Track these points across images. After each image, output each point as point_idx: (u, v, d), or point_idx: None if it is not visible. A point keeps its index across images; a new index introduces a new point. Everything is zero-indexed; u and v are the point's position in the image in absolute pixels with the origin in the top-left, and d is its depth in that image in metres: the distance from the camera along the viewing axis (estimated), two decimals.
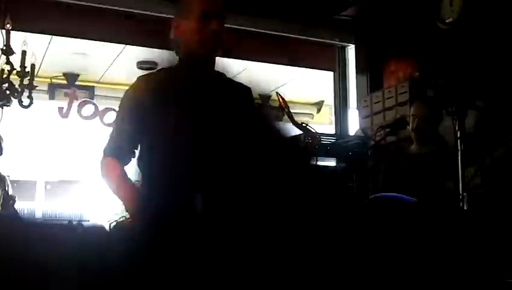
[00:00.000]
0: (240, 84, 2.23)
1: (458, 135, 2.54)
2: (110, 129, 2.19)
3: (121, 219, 1.94)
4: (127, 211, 1.96)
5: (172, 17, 2.15)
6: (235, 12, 4.50)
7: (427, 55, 4.50)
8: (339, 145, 4.66)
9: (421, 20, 4.54)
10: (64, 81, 6.39)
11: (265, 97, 7.27)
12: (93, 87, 6.55)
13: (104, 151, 2.14)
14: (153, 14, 4.69)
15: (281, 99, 2.11)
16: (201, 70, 2.11)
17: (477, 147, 2.94)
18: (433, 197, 2.96)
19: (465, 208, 2.40)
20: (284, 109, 2.12)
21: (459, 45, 4.16)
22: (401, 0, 4.77)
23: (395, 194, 2.78)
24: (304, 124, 2.06)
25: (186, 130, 2.02)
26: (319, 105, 7.77)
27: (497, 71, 3.88)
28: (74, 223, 2.15)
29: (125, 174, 2.09)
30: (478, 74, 3.99)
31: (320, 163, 4.23)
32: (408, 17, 4.71)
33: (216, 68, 2.18)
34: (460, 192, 2.45)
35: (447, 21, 4.27)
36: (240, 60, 5.65)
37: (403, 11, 4.78)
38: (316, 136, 2.05)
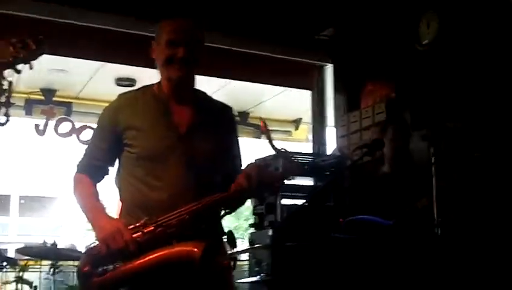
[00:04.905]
0: (220, 103, 2.26)
1: (433, 161, 2.57)
2: (88, 143, 2.20)
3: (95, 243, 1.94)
4: (95, 236, 1.96)
5: (150, 34, 2.21)
6: (215, 31, 4.53)
7: (404, 76, 4.56)
8: (316, 164, 4.71)
9: (398, 41, 4.60)
10: (42, 97, 6.33)
11: (244, 114, 7.35)
12: (70, 103, 6.51)
13: (77, 167, 2.14)
14: (131, 31, 4.70)
15: (262, 124, 2.14)
16: (180, 92, 2.13)
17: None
18: (407, 217, 3.00)
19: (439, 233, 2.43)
20: (265, 131, 2.14)
21: (435, 67, 4.23)
22: (379, 21, 4.83)
23: (371, 217, 2.81)
24: (283, 149, 2.07)
25: (166, 149, 2.03)
26: (296, 123, 7.82)
27: (471, 93, 3.94)
28: None
29: (95, 193, 2.10)
30: (452, 95, 4.06)
31: (297, 182, 4.28)
32: (386, 38, 4.77)
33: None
34: (435, 217, 2.47)
35: (423, 43, 4.34)
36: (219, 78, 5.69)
37: (380, 32, 4.84)
38: (295, 161, 2.07)
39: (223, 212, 2.06)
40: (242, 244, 5.57)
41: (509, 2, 3.86)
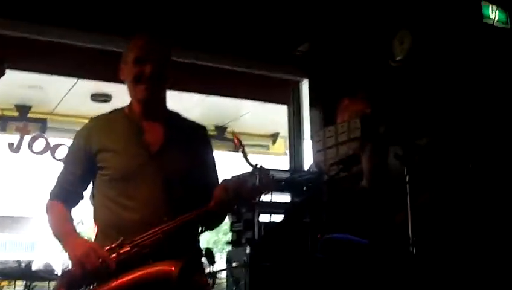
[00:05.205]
0: (193, 123, 2.25)
1: (407, 179, 2.59)
2: (60, 169, 2.18)
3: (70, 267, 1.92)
4: (70, 259, 1.94)
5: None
6: (192, 48, 4.54)
7: (378, 92, 4.60)
8: (293, 179, 4.71)
9: (373, 57, 4.65)
10: (16, 113, 6.27)
11: (222, 128, 7.34)
12: (45, 119, 6.44)
13: (50, 194, 2.12)
14: (106, 48, 4.68)
15: (236, 139, 2.14)
16: (151, 111, 2.12)
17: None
18: (383, 235, 3.00)
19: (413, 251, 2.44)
20: (239, 147, 2.14)
21: (408, 82, 4.28)
22: (354, 38, 4.88)
23: (347, 235, 2.81)
24: (257, 165, 2.07)
25: (137, 168, 2.02)
26: (274, 137, 7.84)
27: (443, 108, 3.99)
28: None
29: (68, 218, 2.08)
30: (424, 111, 4.10)
31: (274, 198, 4.26)
32: (360, 54, 4.82)
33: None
34: (410, 236, 2.49)
35: (397, 59, 4.40)
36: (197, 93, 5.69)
37: (355, 48, 4.88)
38: (270, 177, 2.06)
39: (201, 229, 2.05)
40: (221, 259, 5.53)
41: (481, 19, 3.93)
